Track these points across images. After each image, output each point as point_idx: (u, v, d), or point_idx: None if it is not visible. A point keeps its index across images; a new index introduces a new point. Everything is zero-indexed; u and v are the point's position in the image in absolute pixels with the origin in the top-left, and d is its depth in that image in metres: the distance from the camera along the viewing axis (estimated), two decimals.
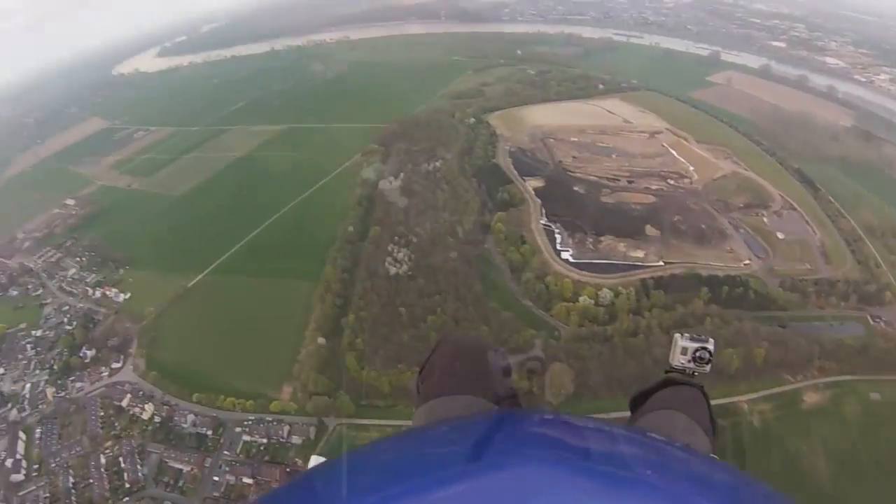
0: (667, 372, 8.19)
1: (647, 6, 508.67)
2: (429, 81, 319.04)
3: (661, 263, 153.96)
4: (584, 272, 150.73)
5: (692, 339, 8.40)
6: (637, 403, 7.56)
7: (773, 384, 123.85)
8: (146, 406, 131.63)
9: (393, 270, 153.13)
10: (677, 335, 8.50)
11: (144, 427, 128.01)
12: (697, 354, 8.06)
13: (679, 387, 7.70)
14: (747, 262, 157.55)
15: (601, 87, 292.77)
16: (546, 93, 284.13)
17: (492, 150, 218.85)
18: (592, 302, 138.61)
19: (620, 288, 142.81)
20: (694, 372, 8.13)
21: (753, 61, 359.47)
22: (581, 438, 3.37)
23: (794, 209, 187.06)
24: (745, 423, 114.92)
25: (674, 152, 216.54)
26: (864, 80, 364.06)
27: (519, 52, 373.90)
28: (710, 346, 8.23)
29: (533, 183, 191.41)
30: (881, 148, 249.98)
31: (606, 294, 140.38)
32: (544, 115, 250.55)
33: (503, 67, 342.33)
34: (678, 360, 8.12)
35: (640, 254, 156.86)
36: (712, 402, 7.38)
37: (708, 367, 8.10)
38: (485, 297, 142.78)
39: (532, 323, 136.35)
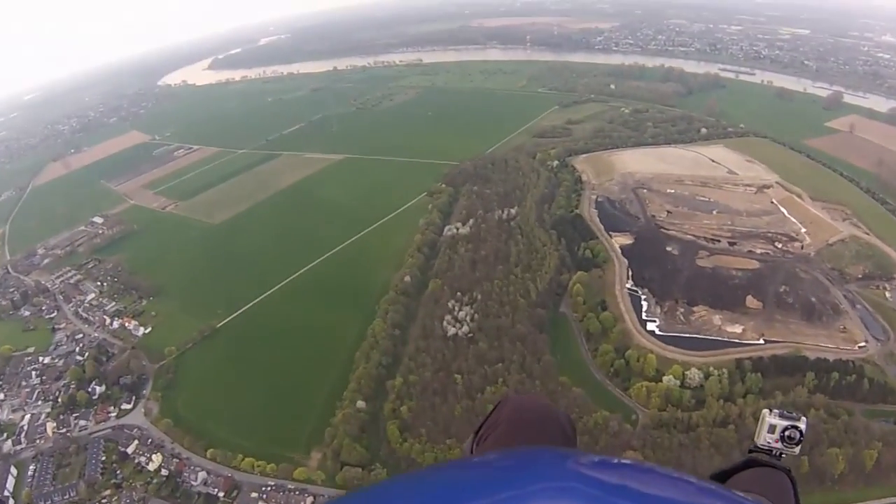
0: (751, 451, 8.11)
1: (760, 38, 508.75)
2: (509, 115, 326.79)
3: (762, 342, 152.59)
4: (670, 347, 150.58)
5: (782, 417, 8.18)
6: None
7: (885, 492, 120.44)
8: (154, 456, 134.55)
9: (452, 330, 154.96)
10: (765, 411, 8.28)
11: (149, 479, 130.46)
12: (787, 434, 8.04)
13: (763, 469, 7.61)
14: (863, 344, 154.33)
15: (704, 130, 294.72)
16: (641, 135, 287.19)
17: (576, 198, 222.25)
18: (678, 383, 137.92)
19: (712, 368, 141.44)
20: (781, 454, 8.05)
21: (881, 104, 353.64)
22: (654, 485, 3.43)
23: None
24: None
25: (784, 210, 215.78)
26: None
27: (612, 86, 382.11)
28: (802, 426, 8.11)
29: (620, 240, 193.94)
30: None
31: (695, 374, 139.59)
32: (638, 161, 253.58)
33: (594, 103, 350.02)
34: (765, 438, 8.10)
35: (737, 329, 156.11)
36: None
37: (797, 449, 8.06)
38: (554, 369, 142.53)
39: (606, 403, 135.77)
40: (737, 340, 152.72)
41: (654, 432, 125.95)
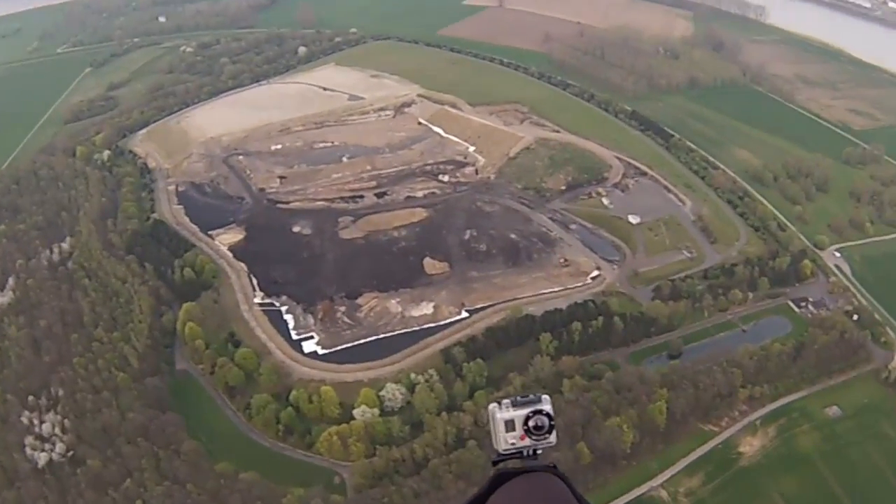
0: (495, 463, 8.30)
1: None
2: (21, 102, 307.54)
3: (465, 315, 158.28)
4: (347, 366, 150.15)
5: (516, 405, 8.48)
6: None
7: (691, 445, 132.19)
8: None
9: (42, 458, 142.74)
10: (492, 406, 8.63)
11: None
12: (532, 424, 8.29)
13: (521, 478, 7.77)
14: (596, 273, 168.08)
15: (302, 50, 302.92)
16: (217, 80, 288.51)
17: (148, 197, 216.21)
18: (377, 412, 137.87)
19: (414, 375, 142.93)
20: (535, 450, 8.32)
21: None
22: None
23: (644, 174, 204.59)
24: None
25: (439, 129, 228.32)
26: None
27: (162, 18, 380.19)
28: (547, 407, 8.43)
29: (227, 238, 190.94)
30: (738, 55, 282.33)
31: (394, 391, 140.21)
32: (221, 119, 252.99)
33: (141, 50, 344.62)
34: (506, 440, 8.32)
35: (426, 309, 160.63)
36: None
37: (552, 437, 8.35)
38: (204, 458, 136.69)
39: (294, 476, 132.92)
40: (432, 325, 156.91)
41: (373, 492, 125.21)
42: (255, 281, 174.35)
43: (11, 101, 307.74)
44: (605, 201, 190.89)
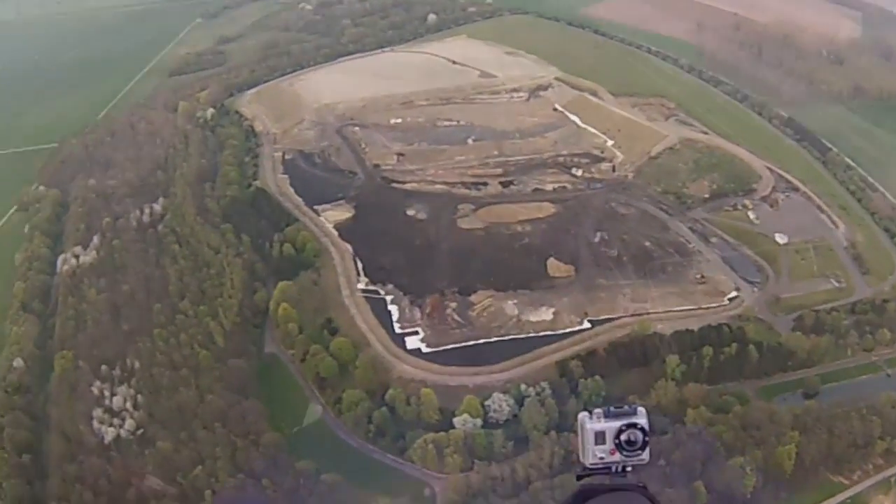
0: (580, 477, 8.08)
1: None
2: (126, 48, 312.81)
3: (587, 325, 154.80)
4: (451, 368, 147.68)
5: (609, 416, 8.21)
6: None
7: (817, 496, 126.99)
8: None
9: (110, 433, 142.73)
10: (582, 415, 8.44)
11: None
12: (624, 438, 7.97)
13: (606, 496, 7.49)
14: (734, 294, 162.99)
15: (432, 17, 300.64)
16: (336, 42, 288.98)
17: (252, 163, 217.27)
18: (479, 422, 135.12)
19: (525, 386, 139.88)
20: (624, 467, 7.99)
21: None
22: None
23: (796, 189, 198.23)
24: None
25: (576, 118, 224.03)
26: None
27: None
28: (642, 421, 8.12)
29: (333, 214, 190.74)
30: None
31: (501, 402, 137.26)
32: (338, 85, 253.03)
33: (256, 4, 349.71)
34: (593, 454, 8.02)
35: (545, 315, 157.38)
36: None
37: (645, 454, 8.03)
38: (284, 452, 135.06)
39: (381, 482, 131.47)
40: (549, 332, 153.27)
41: None
42: (360, 265, 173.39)
43: (114, 48, 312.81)
44: (752, 215, 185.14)
